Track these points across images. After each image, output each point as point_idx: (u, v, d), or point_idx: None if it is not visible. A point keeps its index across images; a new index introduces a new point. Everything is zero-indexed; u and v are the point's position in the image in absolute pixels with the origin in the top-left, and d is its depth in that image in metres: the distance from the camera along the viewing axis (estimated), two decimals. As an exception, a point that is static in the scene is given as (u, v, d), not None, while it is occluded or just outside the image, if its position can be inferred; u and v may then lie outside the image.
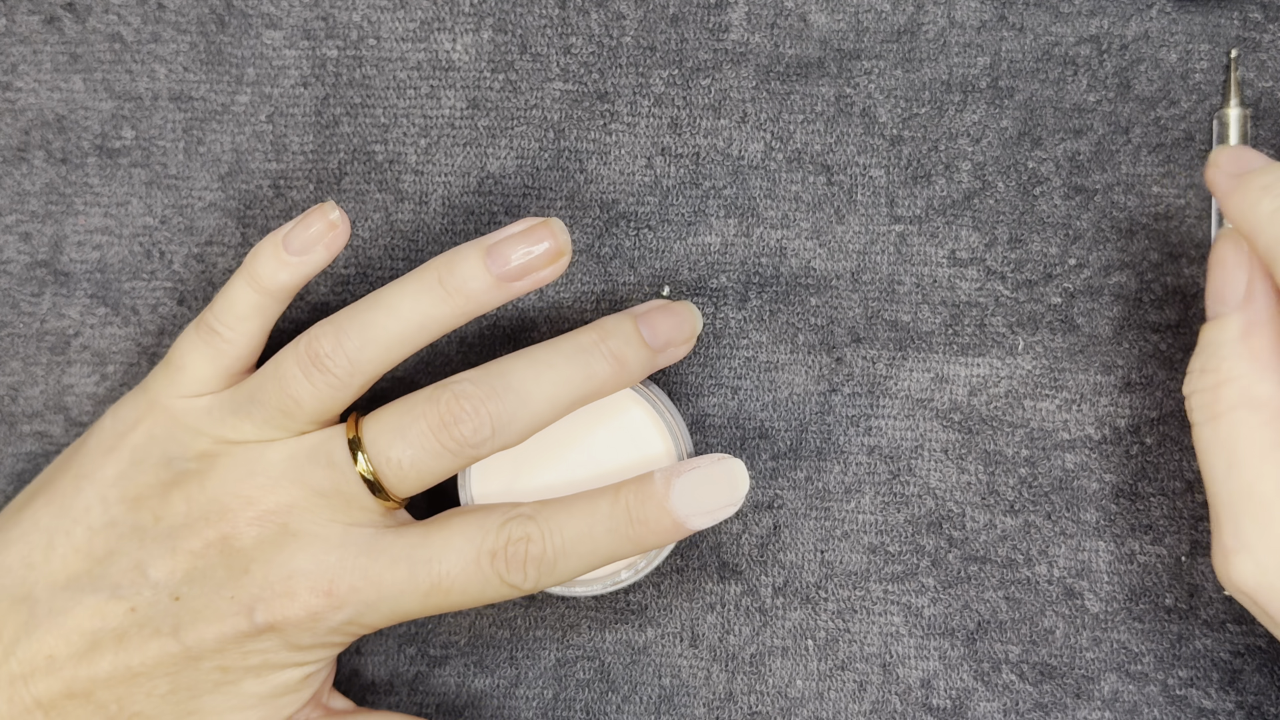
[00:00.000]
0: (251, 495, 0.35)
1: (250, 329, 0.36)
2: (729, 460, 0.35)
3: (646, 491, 0.35)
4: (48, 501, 0.36)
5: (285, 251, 0.35)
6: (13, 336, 0.41)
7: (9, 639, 0.35)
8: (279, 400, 0.35)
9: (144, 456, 0.36)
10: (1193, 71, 0.40)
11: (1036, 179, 0.40)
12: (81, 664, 0.35)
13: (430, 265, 0.35)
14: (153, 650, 0.34)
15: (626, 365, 0.35)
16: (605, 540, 0.35)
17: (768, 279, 0.41)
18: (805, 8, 0.40)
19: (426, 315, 0.35)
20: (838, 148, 0.41)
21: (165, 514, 0.35)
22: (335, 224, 0.35)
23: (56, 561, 0.35)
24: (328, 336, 0.35)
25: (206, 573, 0.35)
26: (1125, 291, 0.40)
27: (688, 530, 0.35)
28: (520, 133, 0.41)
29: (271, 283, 0.36)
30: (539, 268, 0.35)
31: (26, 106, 0.41)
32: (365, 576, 0.35)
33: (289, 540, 0.35)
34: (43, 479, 0.37)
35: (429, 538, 0.35)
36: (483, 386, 0.34)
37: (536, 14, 0.41)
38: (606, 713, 0.41)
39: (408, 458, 0.34)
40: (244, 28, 0.41)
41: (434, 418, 0.34)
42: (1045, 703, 0.40)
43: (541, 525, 0.35)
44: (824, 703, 0.41)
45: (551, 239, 0.35)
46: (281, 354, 0.36)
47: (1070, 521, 0.40)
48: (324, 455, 0.35)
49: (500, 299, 0.35)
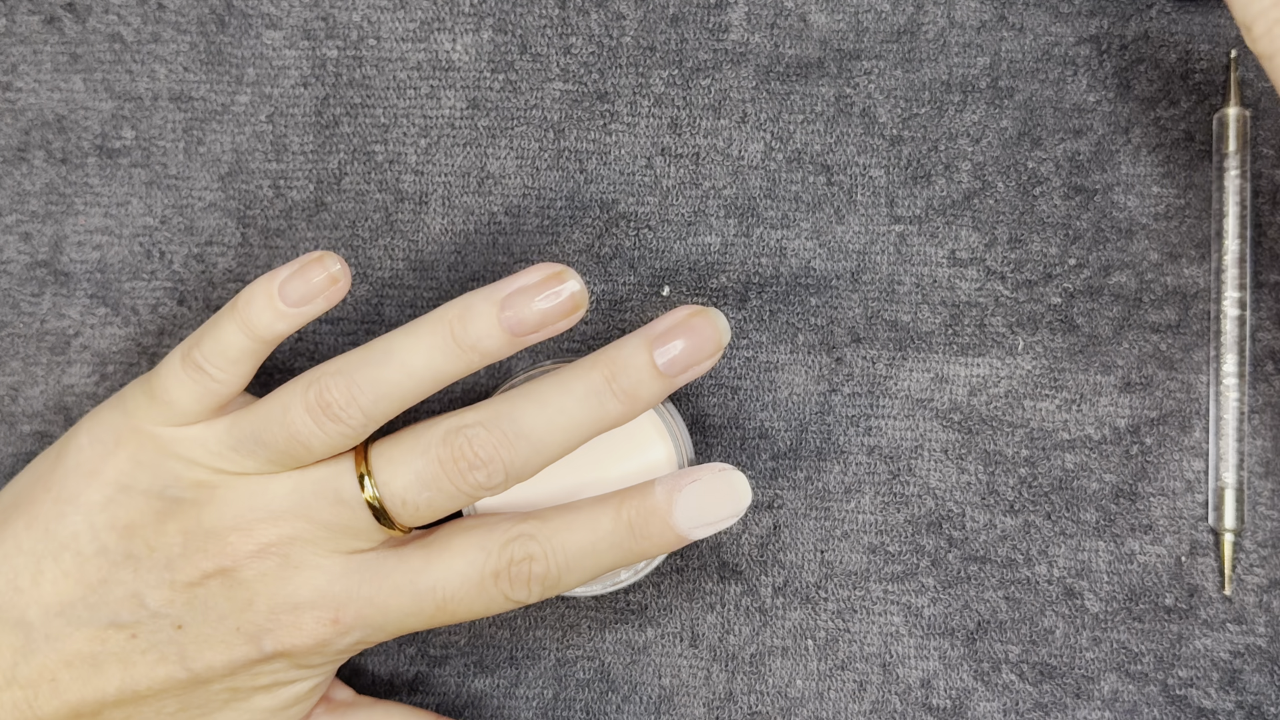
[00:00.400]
0: (252, 528, 0.34)
1: (241, 370, 0.35)
2: (730, 471, 0.35)
3: (649, 505, 0.34)
4: (28, 524, 0.35)
5: (281, 301, 0.34)
6: (13, 336, 0.41)
7: (8, 662, 0.34)
8: (286, 444, 0.34)
9: (132, 483, 0.35)
10: (1193, 71, 0.40)
11: (1036, 179, 0.40)
12: (87, 687, 0.34)
13: (443, 316, 0.34)
14: (160, 675, 0.34)
15: (640, 400, 0.34)
16: (608, 554, 0.35)
17: (768, 279, 0.41)
18: (805, 8, 0.40)
19: (440, 371, 0.34)
20: (838, 148, 0.41)
21: (160, 544, 0.34)
22: (336, 278, 0.34)
23: (47, 586, 0.34)
24: (340, 388, 0.34)
25: (209, 604, 0.34)
26: (1125, 291, 0.40)
27: (689, 540, 0.35)
28: (520, 133, 0.41)
29: (267, 332, 0.34)
30: (554, 321, 0.34)
31: (27, 106, 0.41)
32: (370, 604, 0.34)
33: (292, 573, 0.34)
34: (16, 495, 0.36)
35: (431, 561, 0.35)
36: (495, 432, 0.34)
37: (536, 14, 0.41)
38: (606, 713, 0.41)
39: (424, 499, 0.34)
40: (244, 28, 0.41)
41: (447, 460, 0.34)
42: (1045, 703, 0.40)
43: (544, 544, 0.34)
44: (824, 703, 0.41)
45: (567, 291, 0.34)
46: (286, 396, 0.34)
47: (1070, 521, 0.40)
48: (330, 490, 0.34)
49: (513, 351, 0.34)
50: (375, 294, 0.41)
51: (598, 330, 0.41)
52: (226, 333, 0.35)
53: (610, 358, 0.34)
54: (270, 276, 0.34)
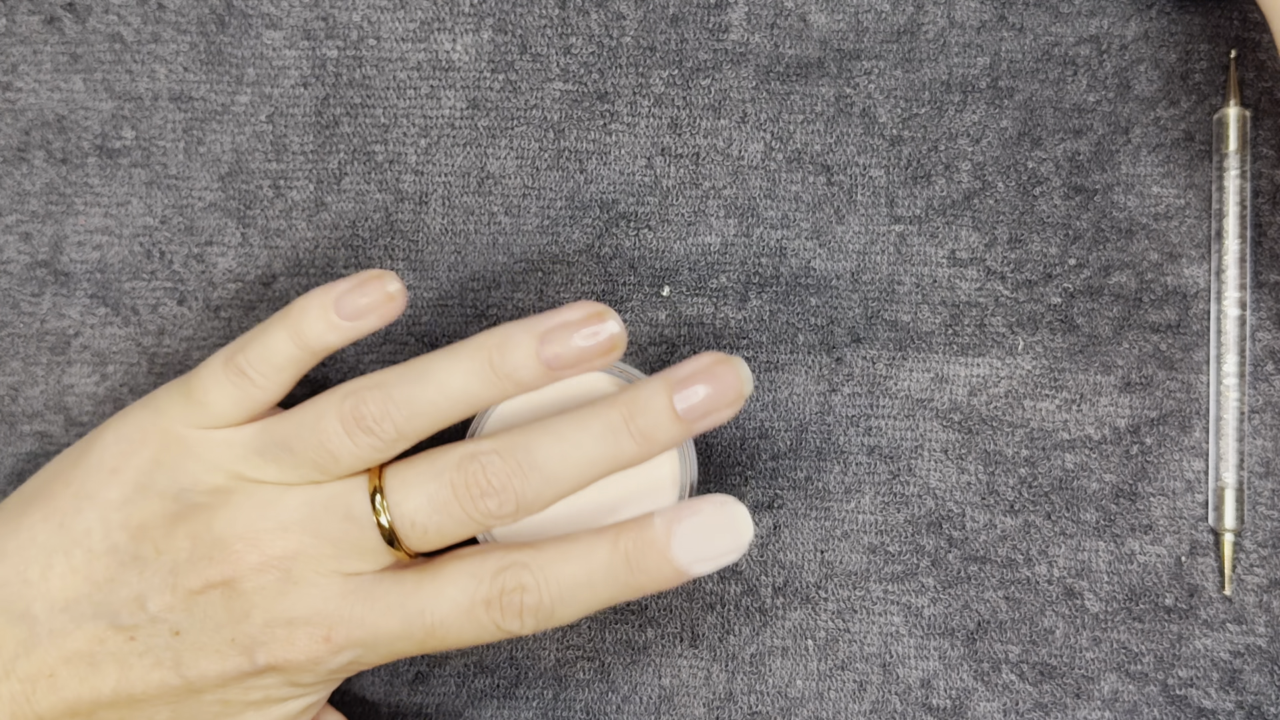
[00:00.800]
0: (259, 539, 0.34)
1: (283, 379, 0.35)
2: (731, 505, 0.34)
3: (647, 538, 0.34)
4: (45, 517, 0.35)
5: (336, 314, 0.35)
6: (13, 336, 0.41)
7: (9, 655, 0.35)
8: (315, 453, 0.34)
9: (150, 483, 0.35)
10: (1193, 71, 0.40)
11: (1036, 179, 0.40)
12: (84, 685, 0.34)
13: (483, 344, 0.34)
14: (154, 680, 0.34)
15: (656, 442, 0.34)
16: (604, 588, 0.34)
17: (768, 279, 0.41)
18: (805, 8, 0.40)
19: (475, 396, 0.34)
20: (838, 148, 0.41)
21: (168, 548, 0.34)
22: (393, 296, 0.35)
23: (55, 581, 0.35)
24: (376, 402, 0.34)
25: (207, 612, 0.34)
26: (1125, 291, 0.40)
27: (689, 577, 0.34)
28: (520, 133, 0.41)
29: (317, 343, 0.35)
30: (590, 359, 0.34)
31: (27, 106, 0.41)
32: (363, 625, 0.34)
33: (291, 588, 0.34)
34: (38, 488, 0.37)
35: (422, 585, 0.34)
36: (509, 461, 0.34)
37: (536, 14, 0.41)
38: (606, 713, 0.41)
39: (433, 523, 0.34)
40: (244, 28, 0.41)
41: (460, 485, 0.34)
42: (1045, 703, 0.40)
43: (537, 574, 0.34)
44: (824, 703, 0.41)
45: (606, 331, 0.34)
46: (322, 405, 0.35)
47: (1070, 521, 0.40)
48: (342, 507, 0.34)
49: (548, 383, 0.34)
50: (375, 294, 0.41)
51: (598, 330, 0.41)
52: (275, 340, 0.35)
53: (630, 398, 0.34)
54: (327, 289, 0.35)
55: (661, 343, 0.41)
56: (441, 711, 0.41)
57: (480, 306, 0.41)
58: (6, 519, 0.36)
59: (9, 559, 0.35)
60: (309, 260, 0.41)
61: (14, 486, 0.41)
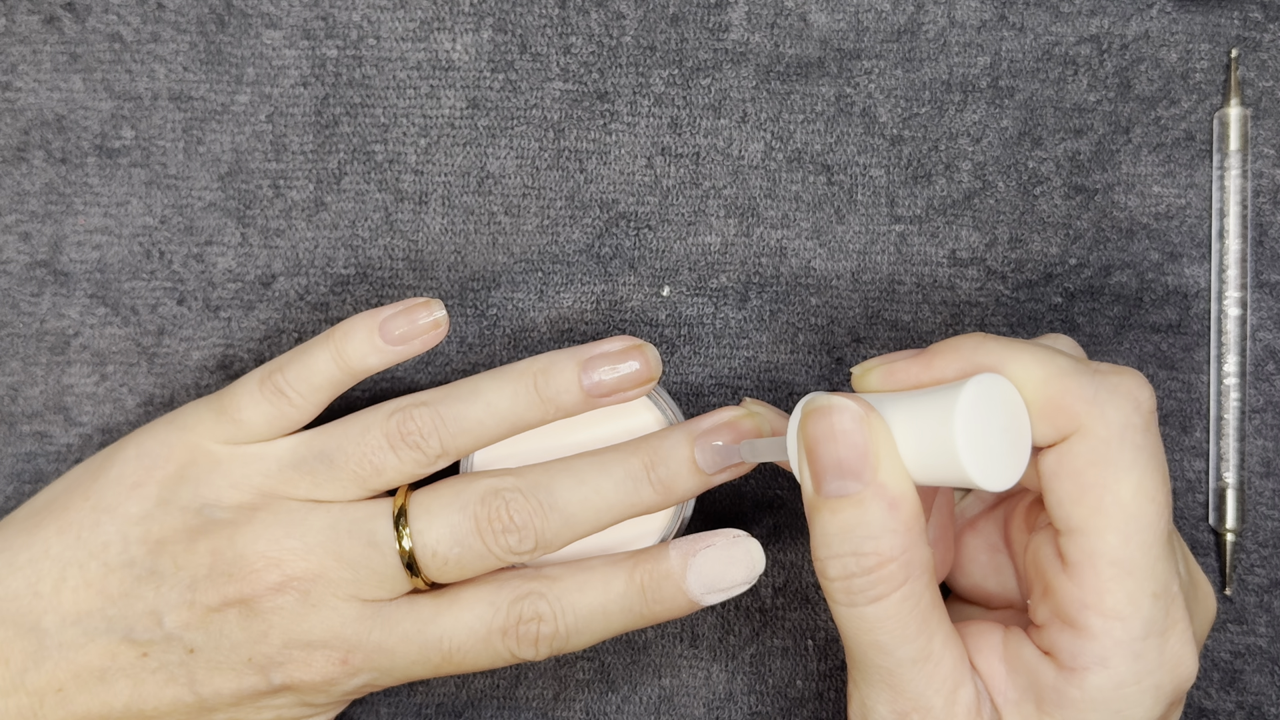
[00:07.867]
0: (280, 558, 0.34)
1: (319, 399, 0.36)
2: (745, 539, 0.35)
3: (662, 570, 0.35)
4: (60, 530, 0.35)
5: (381, 337, 0.35)
6: (13, 336, 0.41)
7: (17, 667, 0.34)
8: (358, 465, 0.35)
9: (172, 498, 0.35)
10: (1193, 71, 0.40)
11: (1036, 179, 0.40)
12: (94, 700, 0.34)
13: (529, 369, 0.35)
14: (167, 696, 0.34)
15: (675, 493, 0.35)
16: (619, 617, 0.35)
17: (768, 279, 0.41)
18: (805, 8, 0.40)
19: (520, 416, 0.35)
20: (838, 148, 0.41)
21: (187, 563, 0.34)
22: (439, 324, 0.36)
23: (67, 594, 0.35)
24: (424, 418, 0.35)
25: (224, 630, 0.34)
26: (1126, 291, 0.40)
27: (701, 606, 0.35)
28: (520, 133, 0.41)
29: (360, 365, 0.36)
30: (627, 388, 0.35)
31: (26, 106, 0.41)
32: (380, 649, 0.35)
33: (309, 611, 0.34)
34: (50, 501, 0.36)
35: (440, 612, 0.35)
36: (531, 500, 0.34)
37: (536, 14, 0.41)
38: (606, 713, 0.41)
39: (454, 554, 0.34)
40: (244, 28, 0.41)
41: (483, 519, 0.34)
42: (1045, 703, 0.40)
43: (553, 604, 0.35)
44: (824, 703, 0.41)
45: (644, 364, 0.35)
46: (367, 419, 0.35)
47: (1070, 521, 0.40)
48: (365, 532, 0.35)
49: (586, 410, 0.36)
50: (375, 294, 0.41)
51: (597, 330, 0.41)
52: (317, 360, 0.36)
53: (653, 446, 0.35)
54: (373, 313, 0.36)
55: (662, 343, 0.41)
56: (441, 711, 0.41)
57: (480, 306, 0.41)
58: (18, 532, 0.36)
59: (20, 572, 0.35)
60: (309, 260, 0.41)
61: (14, 486, 0.41)
